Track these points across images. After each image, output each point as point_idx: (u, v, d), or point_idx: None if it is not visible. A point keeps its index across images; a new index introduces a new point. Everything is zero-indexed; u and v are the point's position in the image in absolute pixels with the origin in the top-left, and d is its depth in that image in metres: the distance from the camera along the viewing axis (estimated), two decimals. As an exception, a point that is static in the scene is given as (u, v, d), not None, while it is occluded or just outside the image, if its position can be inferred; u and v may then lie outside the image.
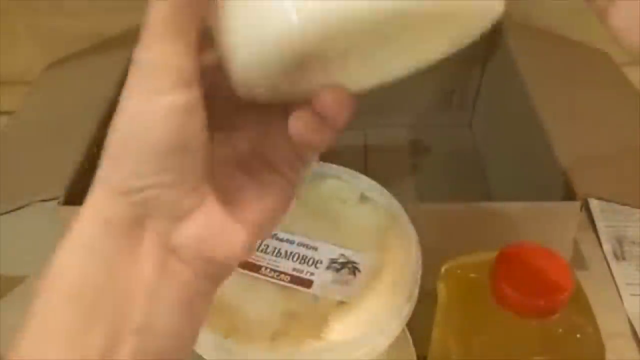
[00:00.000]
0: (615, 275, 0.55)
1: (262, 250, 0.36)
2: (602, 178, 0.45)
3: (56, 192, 0.44)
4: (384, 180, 0.40)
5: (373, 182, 0.40)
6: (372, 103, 0.69)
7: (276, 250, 0.36)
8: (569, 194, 0.44)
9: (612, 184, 0.45)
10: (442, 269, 0.38)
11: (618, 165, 0.47)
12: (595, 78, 0.58)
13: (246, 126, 0.26)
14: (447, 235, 0.42)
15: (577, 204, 0.43)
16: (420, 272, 0.35)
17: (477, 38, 0.24)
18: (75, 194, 0.45)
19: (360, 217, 0.39)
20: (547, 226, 0.44)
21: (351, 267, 0.35)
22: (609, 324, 0.36)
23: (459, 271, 0.38)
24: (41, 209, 0.44)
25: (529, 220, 0.44)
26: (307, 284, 0.35)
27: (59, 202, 0.44)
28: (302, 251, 0.36)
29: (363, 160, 0.67)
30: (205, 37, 0.23)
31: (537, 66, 0.56)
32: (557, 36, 0.64)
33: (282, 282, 0.35)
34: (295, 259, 0.36)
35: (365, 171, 0.40)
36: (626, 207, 0.43)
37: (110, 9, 0.70)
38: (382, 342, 0.33)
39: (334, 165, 0.41)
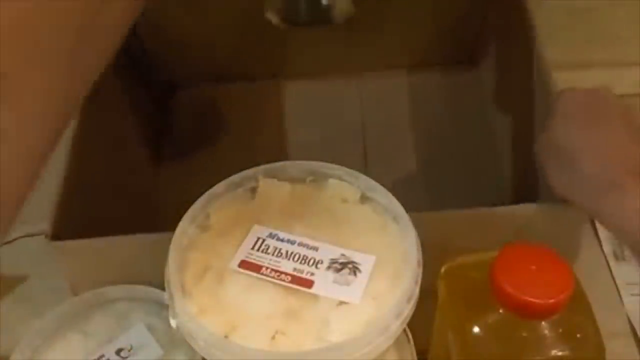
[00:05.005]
0: (615, 275, 0.55)
1: (262, 251, 0.36)
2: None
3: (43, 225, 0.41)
4: (384, 180, 0.40)
5: (373, 182, 0.39)
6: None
7: (277, 251, 0.36)
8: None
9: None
10: (442, 269, 0.38)
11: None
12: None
13: None
14: (447, 236, 0.42)
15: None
16: (421, 272, 0.35)
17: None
18: (62, 225, 0.42)
19: (361, 217, 0.39)
20: (547, 226, 0.44)
21: (352, 267, 0.35)
22: (609, 324, 0.36)
23: (458, 271, 0.38)
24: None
25: (529, 220, 0.44)
26: (308, 284, 0.35)
27: (45, 236, 0.41)
28: (303, 251, 0.36)
29: (363, 160, 0.67)
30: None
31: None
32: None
33: (282, 282, 0.35)
34: (296, 259, 0.36)
35: (366, 171, 0.40)
36: (626, 207, 0.43)
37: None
38: (383, 342, 0.33)
39: (335, 165, 0.41)
